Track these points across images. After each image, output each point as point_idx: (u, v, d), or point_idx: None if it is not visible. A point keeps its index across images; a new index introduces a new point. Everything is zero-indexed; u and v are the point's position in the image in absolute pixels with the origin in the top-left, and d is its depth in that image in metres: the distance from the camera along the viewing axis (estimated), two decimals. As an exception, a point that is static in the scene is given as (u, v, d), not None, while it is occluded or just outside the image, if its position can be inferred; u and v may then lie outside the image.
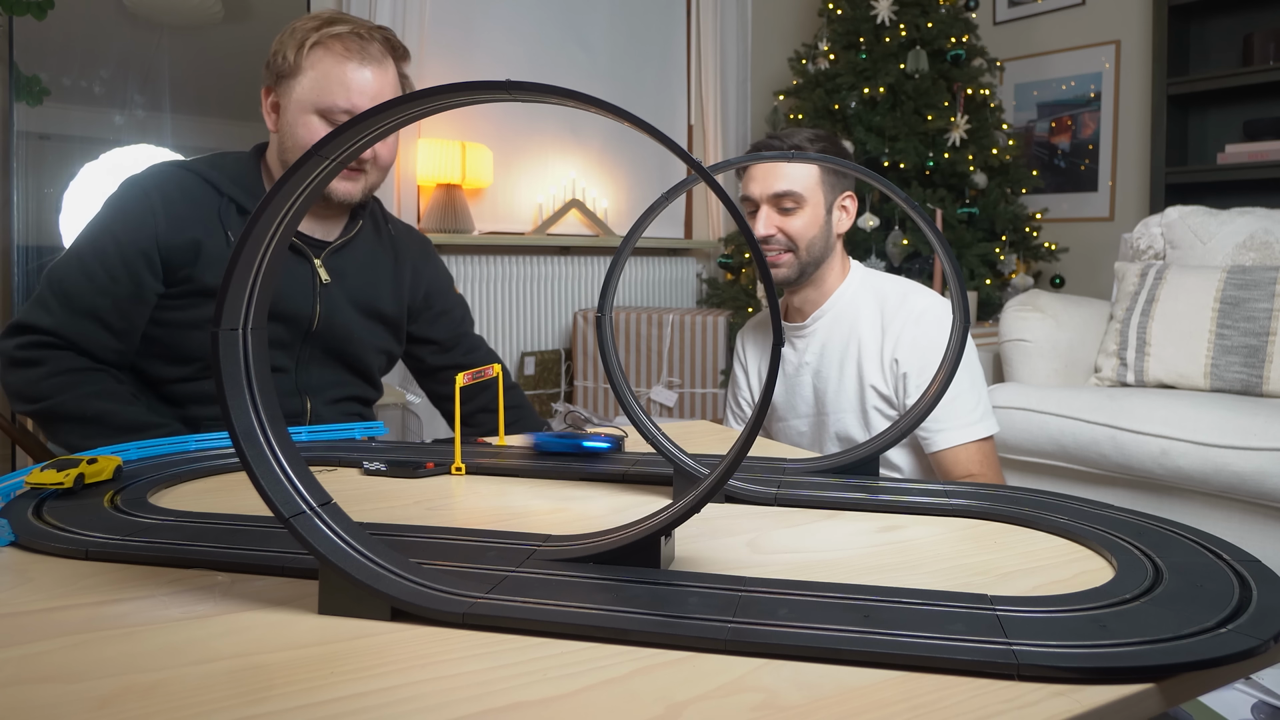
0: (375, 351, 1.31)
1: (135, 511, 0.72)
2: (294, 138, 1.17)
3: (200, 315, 1.16)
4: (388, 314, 1.31)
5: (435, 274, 1.41)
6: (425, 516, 0.76)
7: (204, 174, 1.18)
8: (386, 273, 1.32)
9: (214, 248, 1.15)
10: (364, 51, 1.16)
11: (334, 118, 1.15)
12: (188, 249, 1.14)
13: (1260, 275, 2.07)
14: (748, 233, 0.50)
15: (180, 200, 1.15)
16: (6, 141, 2.34)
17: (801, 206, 1.35)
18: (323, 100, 1.14)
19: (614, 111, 0.49)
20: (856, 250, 3.10)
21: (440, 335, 1.40)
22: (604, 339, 0.84)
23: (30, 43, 2.33)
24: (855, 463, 0.87)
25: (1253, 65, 3.04)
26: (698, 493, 0.56)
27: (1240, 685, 1.43)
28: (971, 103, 3.32)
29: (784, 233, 1.35)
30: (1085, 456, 1.96)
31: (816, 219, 1.37)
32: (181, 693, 0.43)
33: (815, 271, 1.39)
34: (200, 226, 1.15)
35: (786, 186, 1.34)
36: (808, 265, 1.37)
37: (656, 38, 3.74)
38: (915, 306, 1.35)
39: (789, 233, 1.35)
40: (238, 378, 0.53)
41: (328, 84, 1.14)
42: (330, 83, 1.14)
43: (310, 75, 1.15)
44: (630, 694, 0.43)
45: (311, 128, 1.15)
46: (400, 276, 1.34)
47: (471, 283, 3.20)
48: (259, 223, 0.52)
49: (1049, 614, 0.50)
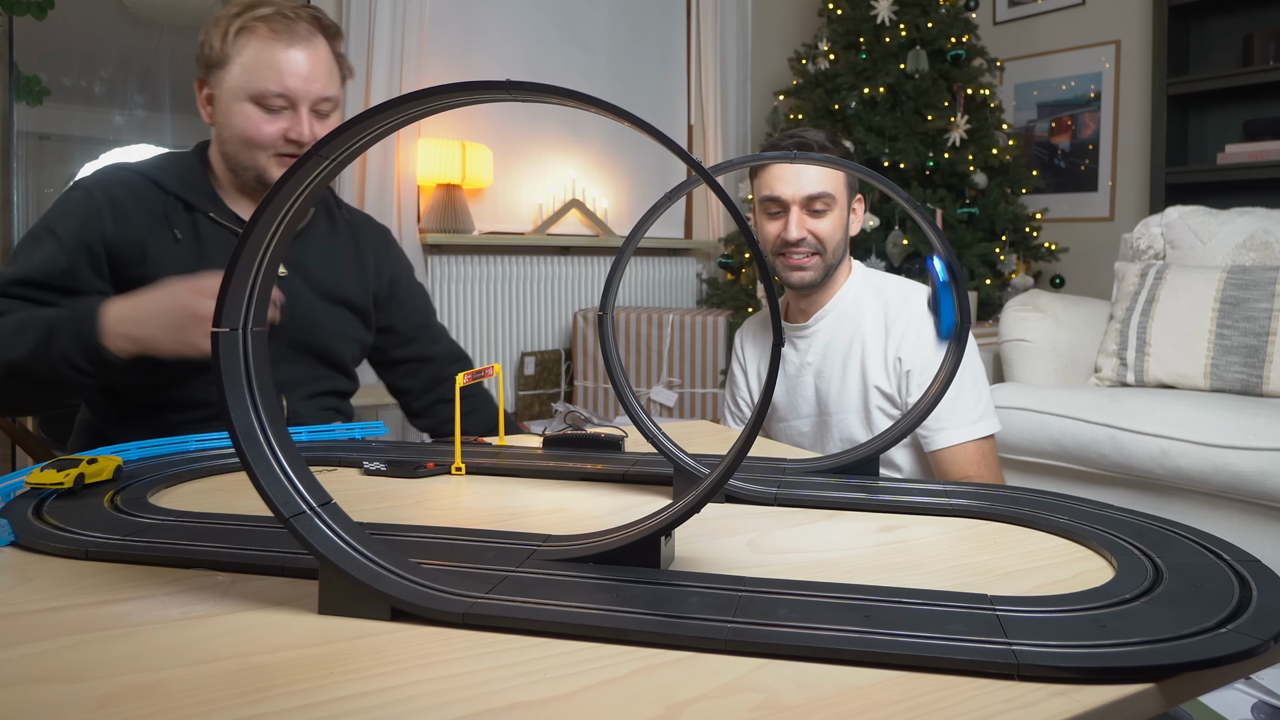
0: (346, 340, 1.29)
1: (135, 511, 0.72)
2: (231, 128, 1.14)
3: None
4: (354, 301, 1.29)
5: (397, 262, 1.39)
6: (425, 516, 0.76)
7: (148, 174, 1.16)
8: (348, 260, 1.29)
9: (161, 247, 1.13)
10: (291, 32, 1.13)
11: (269, 103, 1.13)
12: (134, 249, 1.12)
13: (1260, 275, 2.07)
14: (748, 233, 0.50)
15: (126, 200, 1.13)
16: (6, 141, 2.35)
17: (831, 209, 1.33)
18: (255, 86, 1.12)
19: (614, 111, 0.49)
20: (856, 250, 3.10)
21: (403, 325, 1.37)
22: (606, 338, 0.84)
23: (30, 43, 2.33)
24: (855, 463, 0.87)
25: (1253, 65, 3.04)
26: (698, 493, 0.56)
27: (1240, 685, 1.43)
28: (971, 103, 3.32)
29: (815, 235, 1.33)
30: (1085, 456, 1.96)
31: (841, 221, 1.36)
32: (181, 693, 0.43)
33: (833, 275, 1.39)
34: (146, 226, 1.13)
35: (819, 189, 1.32)
36: (831, 267, 1.37)
37: (656, 38, 3.74)
38: (919, 305, 1.35)
39: (819, 235, 1.34)
40: (238, 378, 0.53)
41: (258, 69, 1.12)
42: (260, 68, 1.12)
43: (239, 62, 1.12)
44: (630, 694, 0.43)
45: (248, 116, 1.13)
46: (363, 263, 1.31)
47: (471, 283, 3.20)
48: (259, 223, 0.52)
49: (1049, 614, 0.50)
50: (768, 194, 1.36)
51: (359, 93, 2.86)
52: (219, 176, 1.21)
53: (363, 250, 1.32)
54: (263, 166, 1.16)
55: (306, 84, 1.13)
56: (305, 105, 1.14)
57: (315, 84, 1.15)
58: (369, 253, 1.33)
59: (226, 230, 1.18)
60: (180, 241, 1.14)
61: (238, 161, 1.17)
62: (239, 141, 1.15)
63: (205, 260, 1.15)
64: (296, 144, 1.15)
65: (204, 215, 1.17)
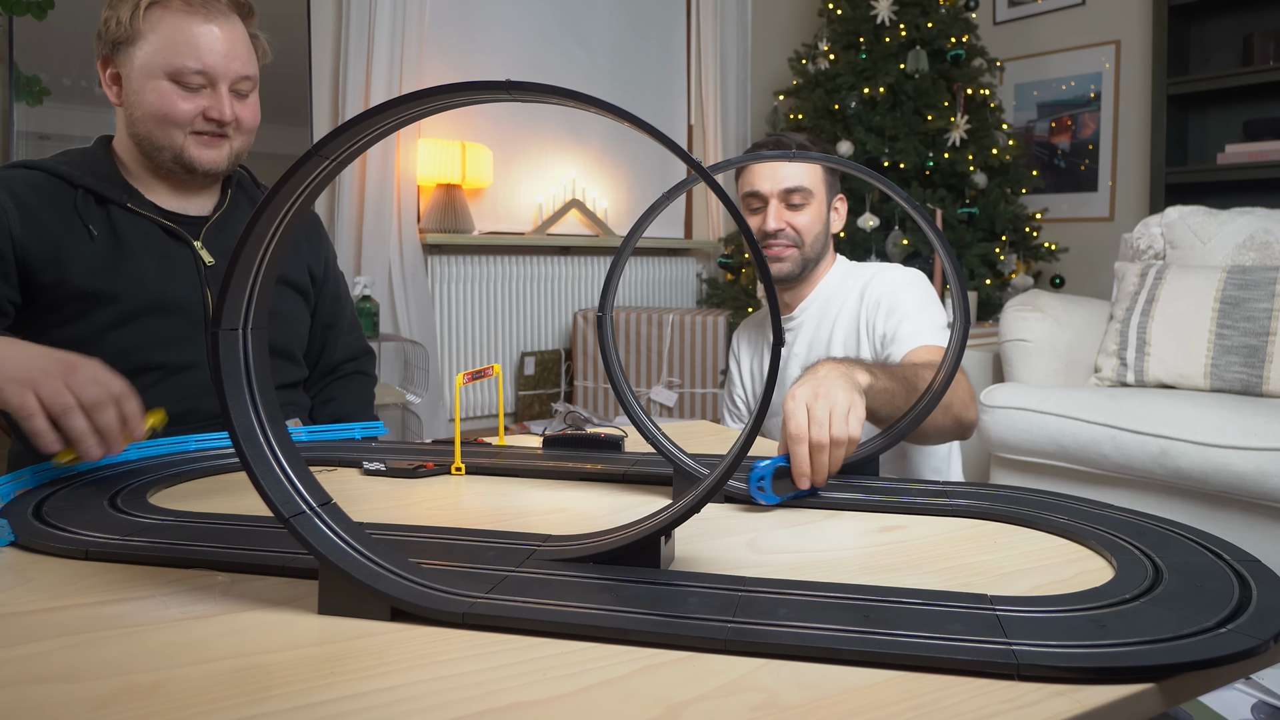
0: (290, 323, 1.24)
1: (135, 511, 0.72)
2: (144, 106, 1.09)
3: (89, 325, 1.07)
4: (294, 280, 1.25)
5: (328, 247, 1.35)
6: (425, 516, 0.76)
7: (52, 169, 1.10)
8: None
9: (76, 244, 1.07)
10: (208, 7, 1.09)
11: (186, 80, 1.08)
12: (48, 250, 1.06)
13: (1260, 275, 2.07)
14: (748, 233, 0.50)
15: (31, 198, 1.07)
16: (6, 141, 2.34)
17: (809, 203, 1.39)
18: (171, 62, 1.07)
19: (614, 111, 0.49)
20: (856, 250, 3.10)
21: (323, 312, 1.33)
22: (605, 339, 0.84)
23: (30, 43, 2.33)
24: (855, 463, 0.87)
25: (1253, 65, 3.04)
26: (698, 493, 0.56)
27: (1240, 685, 1.43)
28: (971, 103, 3.32)
29: (792, 227, 1.38)
30: (1085, 456, 1.96)
31: (820, 216, 1.41)
32: (181, 693, 0.43)
33: (814, 269, 1.43)
34: (58, 224, 1.07)
35: (797, 182, 1.37)
36: (809, 261, 1.41)
37: (656, 38, 3.74)
38: (882, 275, 1.39)
39: (796, 228, 1.38)
40: (237, 378, 0.53)
41: (174, 45, 1.07)
42: (177, 44, 1.07)
43: (152, 39, 1.07)
44: (630, 694, 0.43)
45: (163, 93, 1.08)
46: (296, 245, 1.27)
47: (471, 283, 3.20)
48: (259, 223, 0.52)
49: (1049, 614, 0.50)
50: (749, 190, 1.41)
51: (359, 93, 2.86)
52: (128, 165, 1.15)
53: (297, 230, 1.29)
54: (180, 145, 1.10)
55: (226, 61, 1.09)
56: (225, 83, 1.10)
57: (235, 62, 1.10)
58: (300, 236, 1.28)
59: (146, 220, 1.12)
60: (96, 238, 1.08)
61: (152, 142, 1.11)
62: (153, 120, 1.09)
63: (126, 255, 1.09)
64: (216, 123, 1.11)
65: (119, 207, 1.11)
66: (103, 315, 1.08)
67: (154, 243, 1.12)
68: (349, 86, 2.84)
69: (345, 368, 1.36)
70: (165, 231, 1.13)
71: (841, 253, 1.52)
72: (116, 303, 1.08)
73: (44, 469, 0.83)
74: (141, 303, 1.09)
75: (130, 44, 1.08)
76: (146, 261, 1.11)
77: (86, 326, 1.07)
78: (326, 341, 1.33)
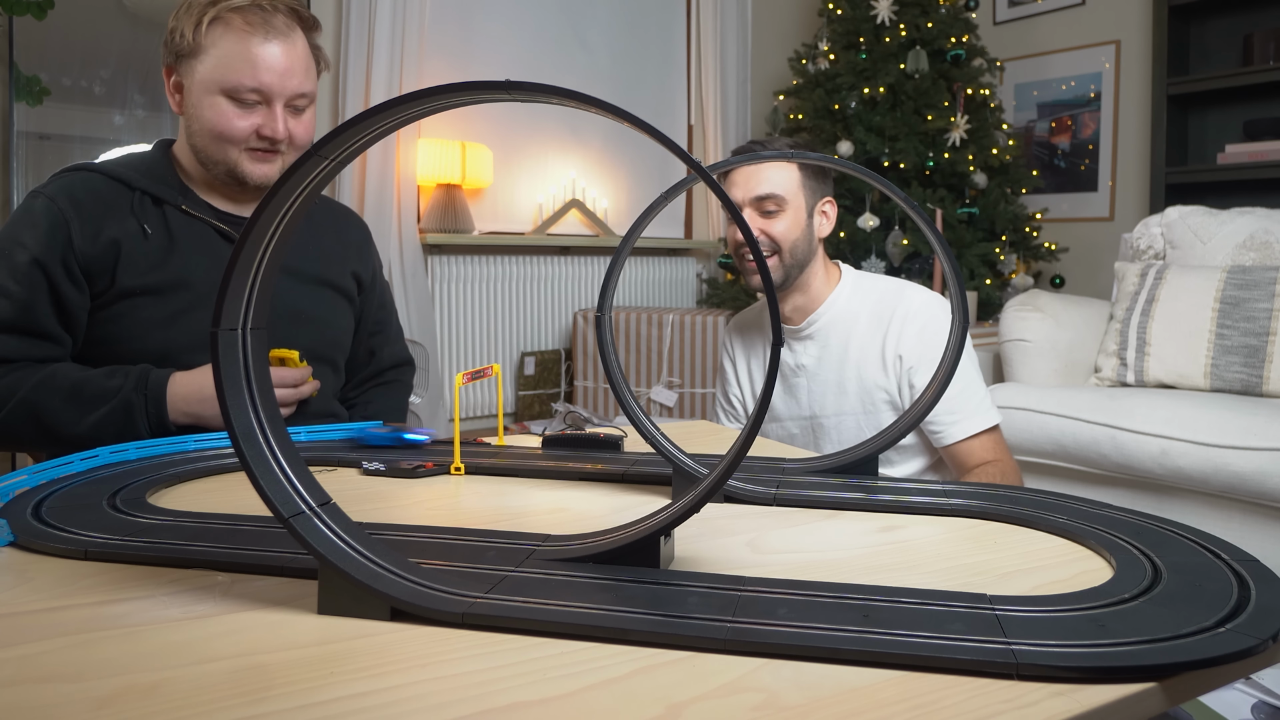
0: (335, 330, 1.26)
1: (135, 511, 0.72)
2: (201, 120, 1.11)
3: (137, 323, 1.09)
4: (340, 284, 1.26)
5: (376, 259, 1.37)
6: (425, 516, 0.76)
7: (111, 172, 1.12)
8: (331, 246, 1.27)
9: (132, 244, 1.09)
10: (268, 25, 1.09)
11: (242, 97, 1.09)
12: (107, 251, 1.08)
13: (1260, 275, 2.07)
14: (747, 233, 0.50)
15: (90, 203, 1.09)
16: (6, 141, 2.34)
17: (783, 209, 1.36)
18: (228, 80, 1.08)
19: (614, 111, 0.49)
20: (856, 250, 3.10)
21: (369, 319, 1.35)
22: (603, 339, 0.84)
23: (30, 43, 2.33)
24: (855, 462, 0.87)
25: (1253, 65, 3.04)
26: (697, 493, 0.56)
27: (1240, 685, 1.43)
28: (971, 103, 3.32)
29: (767, 235, 1.36)
30: (1085, 456, 1.96)
31: (798, 222, 1.37)
32: (181, 693, 0.43)
33: (799, 276, 1.39)
34: (115, 225, 1.09)
35: (768, 189, 1.35)
36: (791, 269, 1.38)
37: (656, 38, 3.74)
38: (912, 303, 1.36)
39: (772, 235, 1.36)
40: (237, 378, 0.53)
41: (231, 62, 1.08)
42: (234, 61, 1.08)
43: (212, 54, 1.08)
44: (630, 694, 0.43)
45: (219, 109, 1.09)
46: (346, 251, 1.29)
47: (471, 283, 3.20)
48: (259, 223, 0.52)
49: (1048, 614, 0.50)
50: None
51: (359, 92, 2.86)
52: (187, 170, 1.17)
53: (346, 240, 1.30)
54: (234, 161, 1.12)
55: (283, 80, 1.10)
56: (280, 101, 1.11)
57: (292, 80, 1.11)
58: (351, 244, 1.31)
59: (200, 222, 1.14)
60: (150, 236, 1.10)
61: (208, 155, 1.13)
62: (209, 135, 1.11)
63: (178, 253, 1.11)
64: (270, 140, 1.12)
65: (174, 209, 1.13)
66: (151, 313, 1.09)
67: (206, 243, 1.14)
68: (349, 86, 2.85)
69: (388, 375, 1.37)
70: (218, 233, 1.15)
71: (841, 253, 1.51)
72: (165, 301, 1.10)
73: (43, 469, 0.83)
74: (188, 302, 1.11)
75: (192, 57, 1.10)
76: (197, 261, 1.12)
77: (133, 324, 1.09)
78: (375, 348, 1.35)
